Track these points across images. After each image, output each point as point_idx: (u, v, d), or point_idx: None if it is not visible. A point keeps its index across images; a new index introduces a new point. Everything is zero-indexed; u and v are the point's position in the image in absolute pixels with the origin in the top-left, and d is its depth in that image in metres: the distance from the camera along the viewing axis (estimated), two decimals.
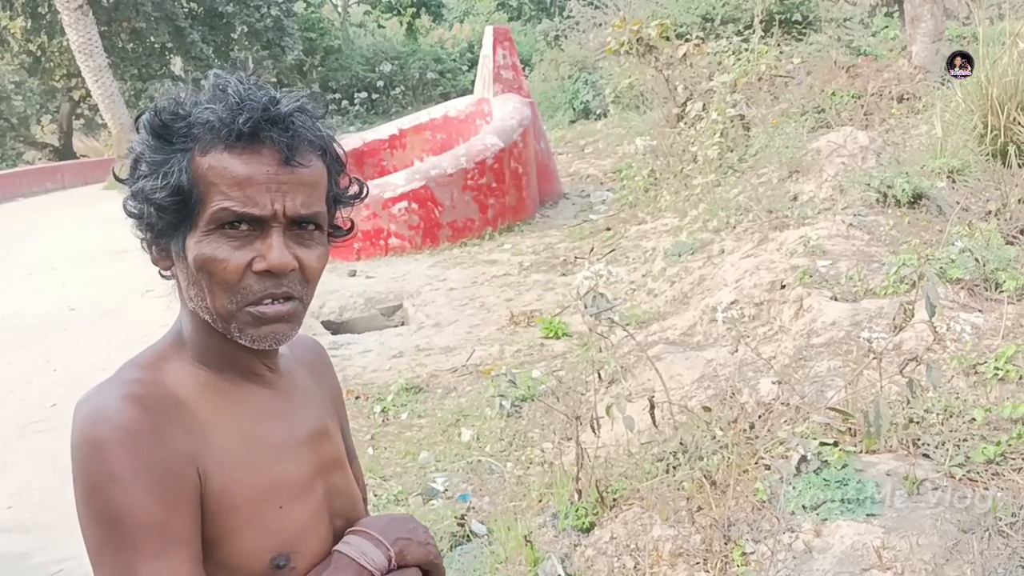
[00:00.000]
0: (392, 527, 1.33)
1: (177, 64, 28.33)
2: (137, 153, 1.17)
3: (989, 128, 6.30)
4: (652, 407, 3.41)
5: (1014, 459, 2.85)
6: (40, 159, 30.20)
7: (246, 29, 28.31)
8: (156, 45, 27.45)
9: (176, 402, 1.16)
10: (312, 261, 1.20)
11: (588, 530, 3.37)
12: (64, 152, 30.63)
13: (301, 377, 1.37)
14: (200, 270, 1.15)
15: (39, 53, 27.16)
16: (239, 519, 1.16)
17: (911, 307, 3.02)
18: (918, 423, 3.13)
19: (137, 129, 1.18)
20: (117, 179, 1.23)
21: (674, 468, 3.35)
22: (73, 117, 31.28)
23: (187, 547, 1.09)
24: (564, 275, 8.55)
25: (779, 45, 11.27)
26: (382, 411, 5.53)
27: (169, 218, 1.16)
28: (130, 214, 1.20)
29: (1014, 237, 5.16)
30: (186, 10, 27.30)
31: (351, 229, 1.34)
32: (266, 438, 1.24)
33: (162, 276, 1.26)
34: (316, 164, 1.19)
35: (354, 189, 1.30)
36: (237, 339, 1.19)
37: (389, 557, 1.28)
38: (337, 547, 1.28)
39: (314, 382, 1.41)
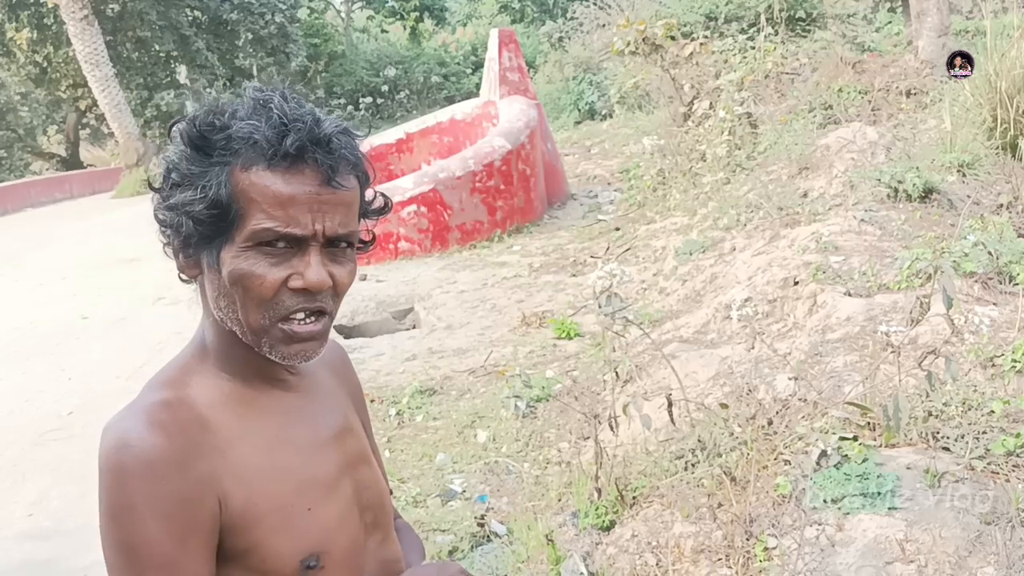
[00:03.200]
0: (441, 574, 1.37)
1: (182, 72, 28.41)
2: (172, 163, 1.17)
3: (999, 122, 6.30)
4: (670, 405, 3.42)
5: None
6: (47, 169, 30.25)
7: (251, 36, 28.36)
8: (161, 54, 27.50)
9: (200, 422, 1.17)
10: (344, 277, 1.22)
11: (609, 528, 3.39)
12: (71, 162, 30.72)
13: (322, 376, 1.39)
14: (235, 284, 1.16)
15: (45, 64, 27.26)
16: (265, 528, 1.18)
17: (927, 300, 3.02)
18: (937, 416, 3.14)
19: (171, 138, 1.18)
20: (152, 188, 1.21)
21: (693, 465, 3.36)
22: (79, 127, 31.37)
23: None
24: (574, 276, 8.56)
25: (784, 42, 11.28)
26: (397, 414, 5.55)
27: (204, 230, 1.16)
28: (162, 223, 1.20)
29: None
30: (190, 18, 27.37)
31: (373, 240, 1.36)
32: (291, 442, 1.26)
33: (182, 280, 1.27)
34: (353, 184, 1.20)
35: (379, 203, 1.31)
36: (267, 354, 1.21)
37: None
38: None
39: (335, 381, 1.43)
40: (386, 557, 1.38)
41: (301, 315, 1.18)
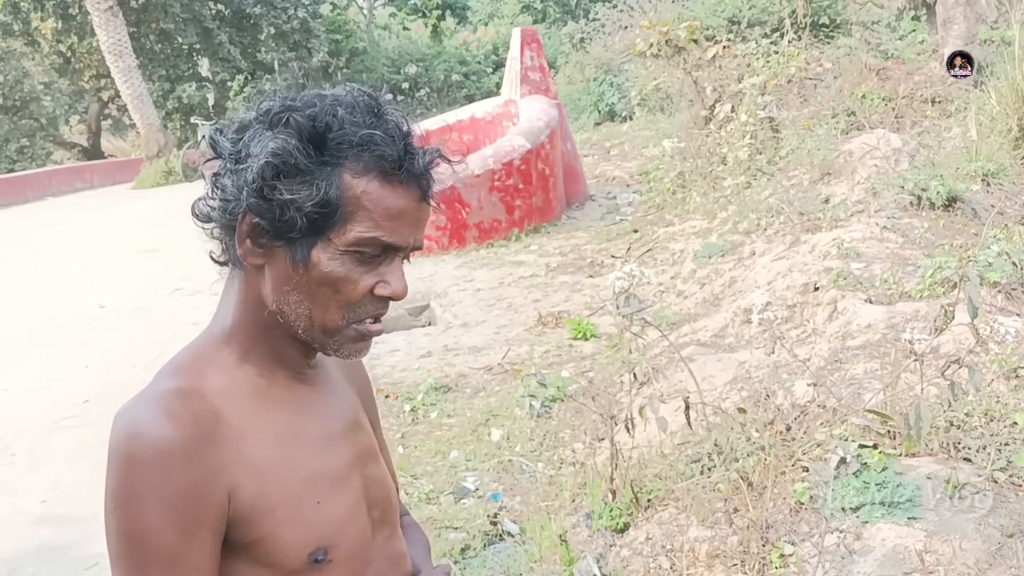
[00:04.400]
0: None
1: (204, 65, 28.56)
2: (281, 150, 1.11)
3: None
4: (688, 408, 3.40)
5: None
6: (69, 159, 30.45)
7: (273, 31, 28.52)
8: (184, 46, 27.67)
9: (213, 413, 1.15)
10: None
11: (623, 530, 3.37)
12: (92, 152, 30.91)
13: (332, 370, 1.39)
14: (326, 284, 1.16)
15: (69, 54, 27.44)
16: (275, 520, 1.17)
17: (952, 309, 2.99)
18: (959, 427, 3.11)
19: (271, 124, 1.14)
20: (260, 176, 1.12)
21: (709, 469, 3.33)
22: (101, 117, 31.57)
23: (196, 575, 1.11)
24: (591, 276, 8.53)
25: (807, 48, 11.22)
26: (411, 410, 5.54)
27: (303, 225, 1.13)
28: (254, 210, 1.14)
29: None
30: (214, 12, 27.51)
31: None
32: (303, 434, 1.25)
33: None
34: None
35: None
36: (329, 351, 1.23)
37: None
38: None
39: (344, 375, 1.43)
40: (392, 552, 1.38)
41: (371, 319, 1.21)
